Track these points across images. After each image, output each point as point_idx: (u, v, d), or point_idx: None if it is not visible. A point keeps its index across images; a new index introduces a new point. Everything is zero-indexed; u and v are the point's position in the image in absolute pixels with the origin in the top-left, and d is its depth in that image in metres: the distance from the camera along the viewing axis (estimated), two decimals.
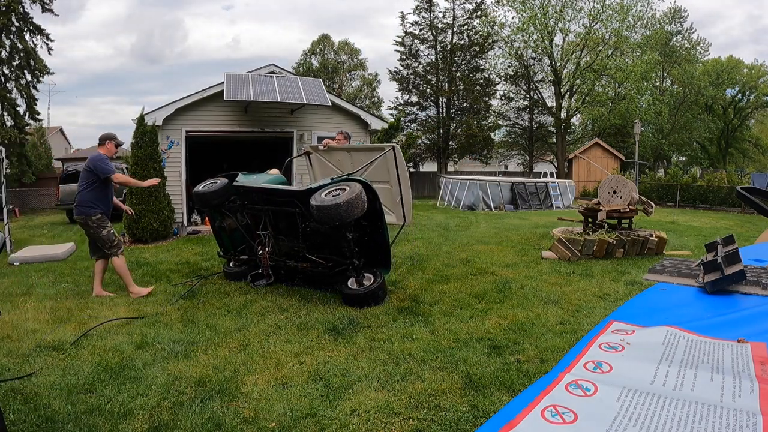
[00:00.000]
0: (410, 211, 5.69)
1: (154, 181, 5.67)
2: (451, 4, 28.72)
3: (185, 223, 11.54)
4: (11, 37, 19.88)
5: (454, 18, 28.84)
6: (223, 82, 11.65)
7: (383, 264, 5.19)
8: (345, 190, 4.54)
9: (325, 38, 43.48)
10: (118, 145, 5.57)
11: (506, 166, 39.58)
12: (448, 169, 30.85)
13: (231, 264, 6.10)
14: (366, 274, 4.95)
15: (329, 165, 6.28)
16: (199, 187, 5.75)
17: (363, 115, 13.28)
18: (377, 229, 5.02)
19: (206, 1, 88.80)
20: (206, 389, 3.02)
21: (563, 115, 29.43)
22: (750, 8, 66.56)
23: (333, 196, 4.50)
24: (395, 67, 31.56)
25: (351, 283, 4.88)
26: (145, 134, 10.76)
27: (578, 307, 4.69)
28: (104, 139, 5.51)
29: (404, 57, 30.14)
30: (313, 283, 5.43)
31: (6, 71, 20.03)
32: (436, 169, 30.26)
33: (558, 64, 27.95)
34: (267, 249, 5.39)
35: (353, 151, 6.13)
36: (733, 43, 65.73)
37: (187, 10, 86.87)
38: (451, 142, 29.60)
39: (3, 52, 19.79)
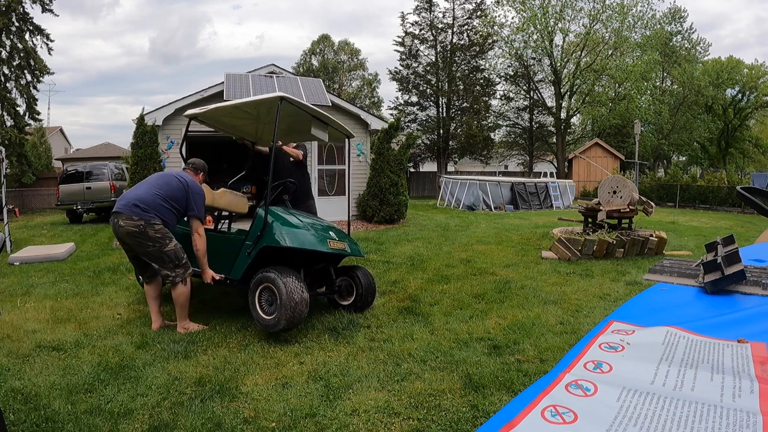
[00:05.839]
0: (343, 126, 5.09)
1: (201, 247, 4.16)
2: (451, 4, 28.76)
3: None
4: (11, 37, 19.88)
5: (454, 18, 28.86)
6: (223, 82, 11.67)
7: (352, 252, 4.50)
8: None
9: (325, 38, 43.51)
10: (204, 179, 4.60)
11: (506, 166, 39.60)
12: (448, 169, 30.86)
13: None
14: (344, 279, 4.62)
15: (227, 125, 5.20)
16: None
17: (363, 115, 13.29)
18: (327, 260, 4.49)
19: (216, 1, 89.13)
20: (206, 389, 3.01)
21: (563, 115, 29.45)
22: (758, 11, 66.83)
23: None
24: (395, 67, 31.61)
25: (337, 297, 4.69)
26: (145, 134, 10.76)
27: (578, 307, 4.69)
28: (200, 169, 4.48)
29: (404, 57, 30.16)
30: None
31: (6, 71, 20.03)
32: (436, 169, 30.27)
33: (558, 64, 27.96)
34: None
35: (241, 108, 4.61)
36: (739, 45, 66.15)
37: (196, 9, 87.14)
38: (451, 142, 29.61)
39: (3, 52, 19.80)
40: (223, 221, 5.47)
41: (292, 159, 5.76)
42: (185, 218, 4.23)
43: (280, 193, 4.97)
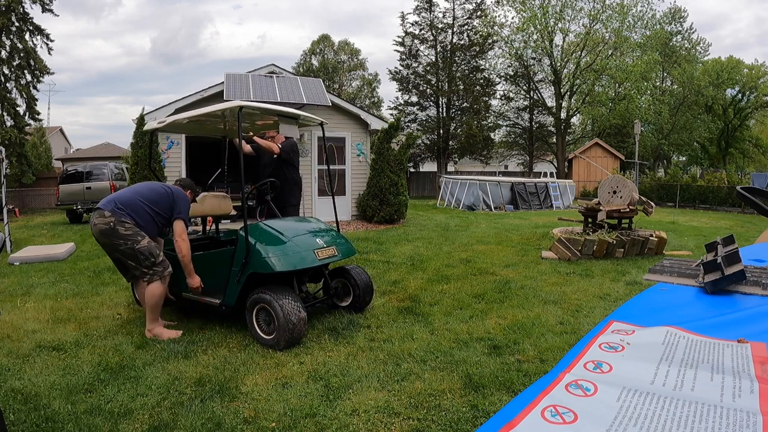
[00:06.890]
0: (312, 117, 4.96)
1: (185, 250, 4.08)
2: (451, 4, 28.76)
3: None
4: (11, 37, 19.88)
5: (454, 18, 28.86)
6: (223, 83, 11.67)
7: (342, 255, 4.31)
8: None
9: (324, 38, 43.52)
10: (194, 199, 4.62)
11: (506, 166, 39.61)
12: (448, 169, 30.86)
13: None
14: (340, 280, 4.61)
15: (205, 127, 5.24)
16: None
17: (363, 115, 13.29)
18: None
19: (217, 1, 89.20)
20: (206, 389, 3.01)
21: (563, 115, 29.46)
22: (757, 10, 66.95)
23: None
24: (395, 67, 31.61)
25: (335, 299, 4.68)
26: (145, 134, 10.75)
27: (578, 307, 4.69)
28: (188, 187, 4.48)
29: (404, 57, 30.16)
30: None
31: (6, 71, 20.02)
32: (436, 169, 30.27)
33: (558, 64, 27.97)
34: None
35: (200, 119, 4.67)
36: (739, 45, 66.29)
37: (198, 9, 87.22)
38: (451, 142, 29.61)
39: (3, 52, 19.80)
40: (210, 226, 5.45)
41: (275, 155, 5.69)
42: (170, 224, 4.18)
43: (263, 194, 4.93)
